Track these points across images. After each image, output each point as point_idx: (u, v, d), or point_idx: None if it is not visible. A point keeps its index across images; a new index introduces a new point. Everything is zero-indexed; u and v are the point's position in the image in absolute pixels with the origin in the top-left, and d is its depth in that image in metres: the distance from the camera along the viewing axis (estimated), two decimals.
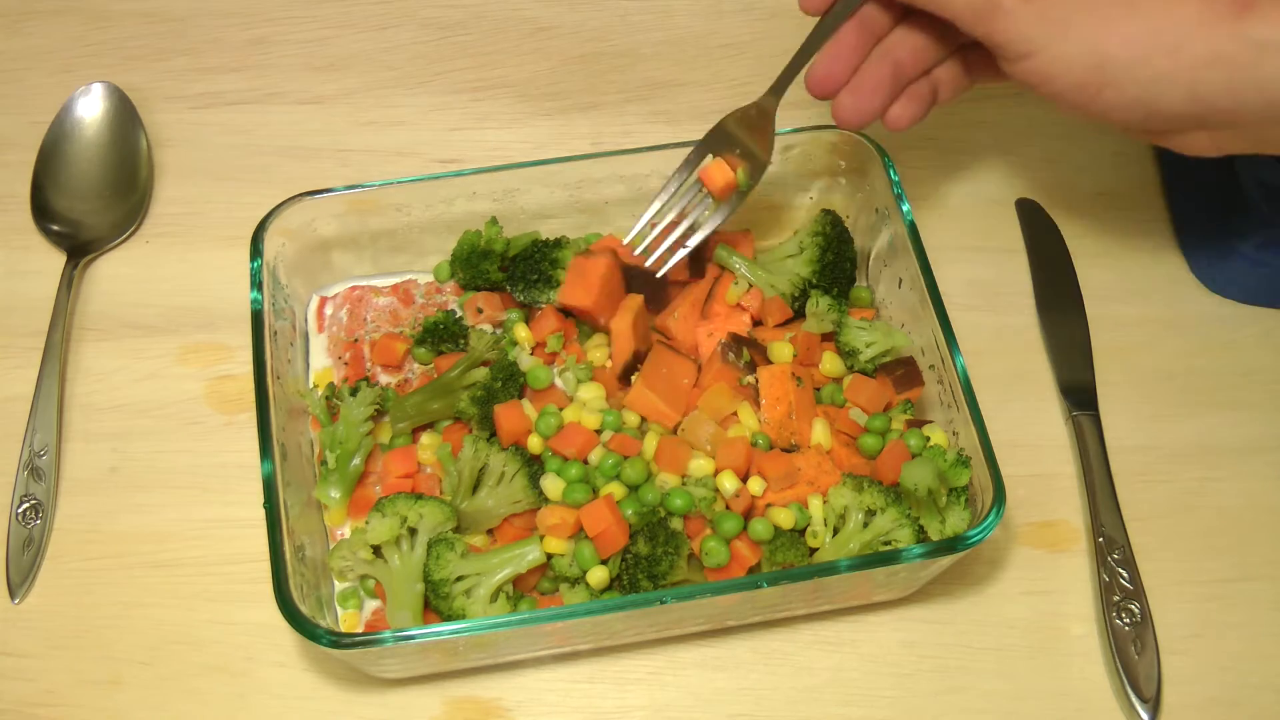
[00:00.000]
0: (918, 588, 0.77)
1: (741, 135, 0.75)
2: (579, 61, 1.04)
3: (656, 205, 0.76)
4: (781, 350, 0.79)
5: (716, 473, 0.74)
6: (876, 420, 0.77)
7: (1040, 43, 0.62)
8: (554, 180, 0.83)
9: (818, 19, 0.71)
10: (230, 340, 0.88)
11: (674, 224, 0.76)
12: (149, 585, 0.78)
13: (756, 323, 0.82)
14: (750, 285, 0.82)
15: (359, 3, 1.07)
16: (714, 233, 0.76)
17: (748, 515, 0.73)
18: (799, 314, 0.82)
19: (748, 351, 0.78)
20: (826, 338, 0.81)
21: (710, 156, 0.76)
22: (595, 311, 0.79)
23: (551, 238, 0.84)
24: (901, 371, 0.78)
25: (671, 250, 0.76)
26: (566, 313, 0.82)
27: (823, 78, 0.68)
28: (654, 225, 0.76)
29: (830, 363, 0.79)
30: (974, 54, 0.73)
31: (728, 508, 0.73)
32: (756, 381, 0.77)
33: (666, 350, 0.78)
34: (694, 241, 0.76)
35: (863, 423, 0.77)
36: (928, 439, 0.76)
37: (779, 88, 0.74)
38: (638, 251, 0.76)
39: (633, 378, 0.78)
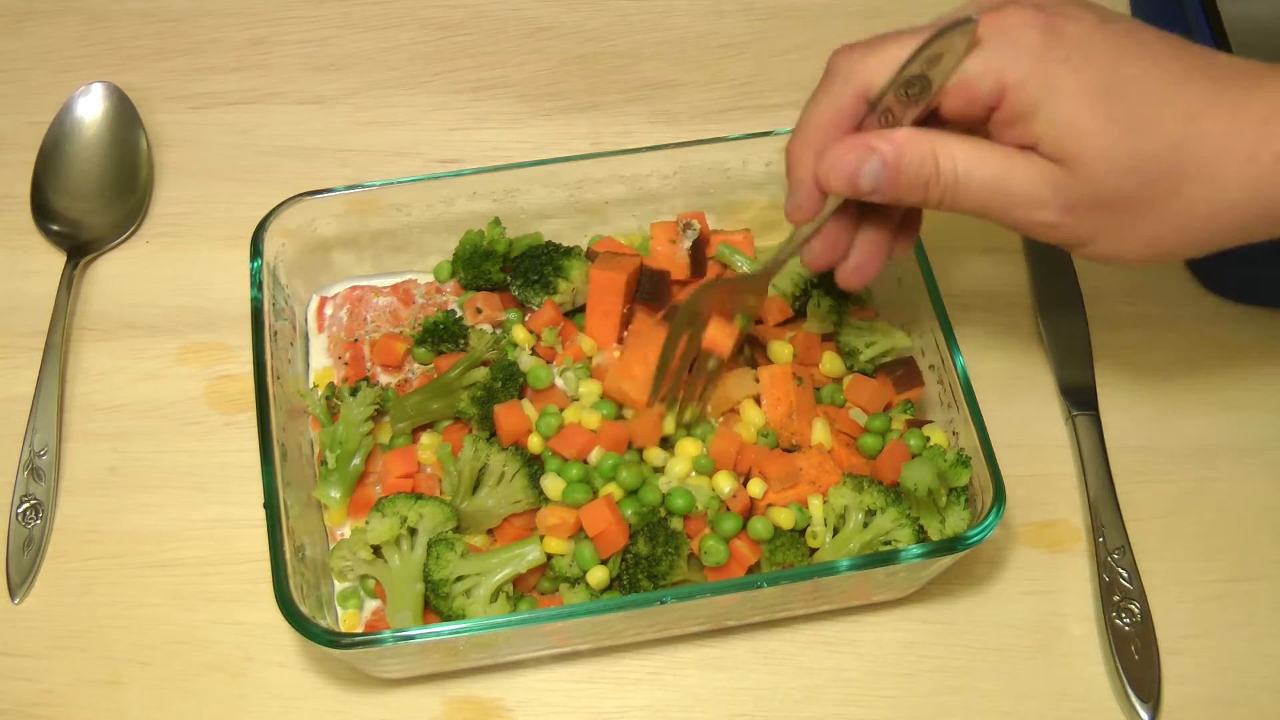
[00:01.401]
0: (918, 588, 0.77)
1: (725, 299, 0.73)
2: (579, 61, 1.04)
3: (662, 370, 0.74)
4: (782, 350, 0.79)
5: (714, 473, 0.74)
6: (876, 420, 0.77)
7: (1090, 240, 0.60)
8: (554, 180, 0.83)
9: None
10: (230, 340, 0.88)
11: (685, 380, 0.75)
12: (149, 585, 0.78)
13: (757, 322, 0.82)
14: None
15: (359, 3, 1.07)
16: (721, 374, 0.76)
17: (747, 515, 0.73)
18: (799, 314, 0.82)
19: (748, 349, 0.78)
20: (826, 338, 0.81)
21: (696, 323, 0.74)
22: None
23: (553, 238, 0.84)
24: (901, 371, 0.78)
25: (691, 399, 0.75)
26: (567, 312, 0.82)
27: (821, 261, 0.67)
28: (667, 384, 0.75)
29: (830, 363, 0.79)
30: None
31: (726, 508, 0.73)
32: (757, 381, 0.77)
33: (651, 327, 0.78)
34: (710, 393, 0.76)
35: (863, 423, 0.77)
36: (928, 439, 0.76)
37: (769, 274, 0.71)
38: (654, 405, 0.75)
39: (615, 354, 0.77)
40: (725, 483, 0.73)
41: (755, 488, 0.73)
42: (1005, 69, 0.57)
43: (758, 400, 0.76)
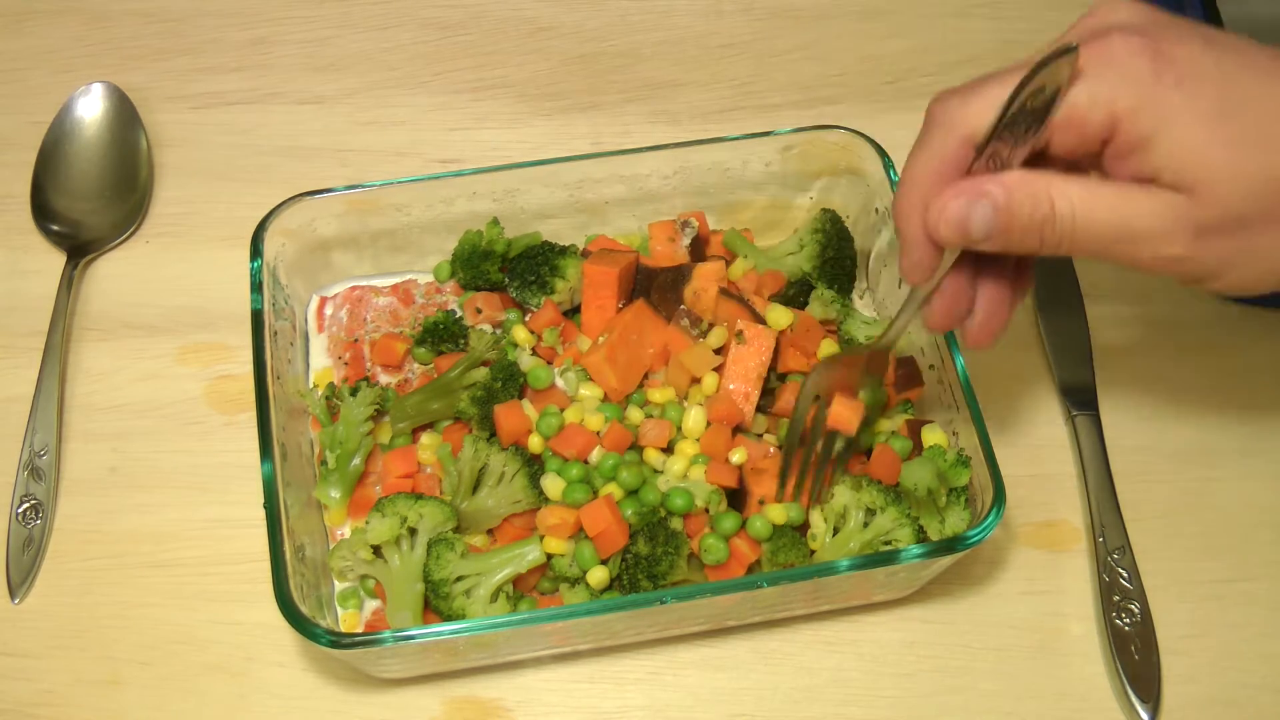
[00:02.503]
0: (918, 588, 0.77)
1: (846, 375, 0.72)
2: (579, 61, 1.04)
3: (789, 454, 0.73)
4: (779, 315, 0.78)
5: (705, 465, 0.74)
6: (866, 393, 0.76)
7: (1221, 271, 0.58)
8: (554, 180, 0.83)
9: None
10: (230, 340, 0.88)
11: (813, 464, 0.74)
12: (149, 585, 0.78)
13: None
14: (753, 265, 0.82)
15: (359, 3, 1.07)
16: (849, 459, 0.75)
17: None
18: (799, 306, 0.82)
19: (706, 322, 0.78)
20: (830, 331, 0.81)
21: (818, 399, 0.72)
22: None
23: (553, 238, 0.84)
24: (902, 371, 0.78)
25: (820, 482, 0.74)
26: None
27: (944, 321, 0.64)
28: (796, 470, 0.74)
29: (828, 348, 0.79)
30: None
31: (724, 505, 0.73)
32: (742, 335, 0.76)
33: (649, 314, 0.78)
34: (837, 472, 0.74)
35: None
36: (911, 444, 0.76)
37: (889, 344, 0.69)
38: (785, 496, 0.73)
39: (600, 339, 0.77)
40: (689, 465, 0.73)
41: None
42: (1116, 99, 0.55)
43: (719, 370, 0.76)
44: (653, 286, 0.80)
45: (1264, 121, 0.55)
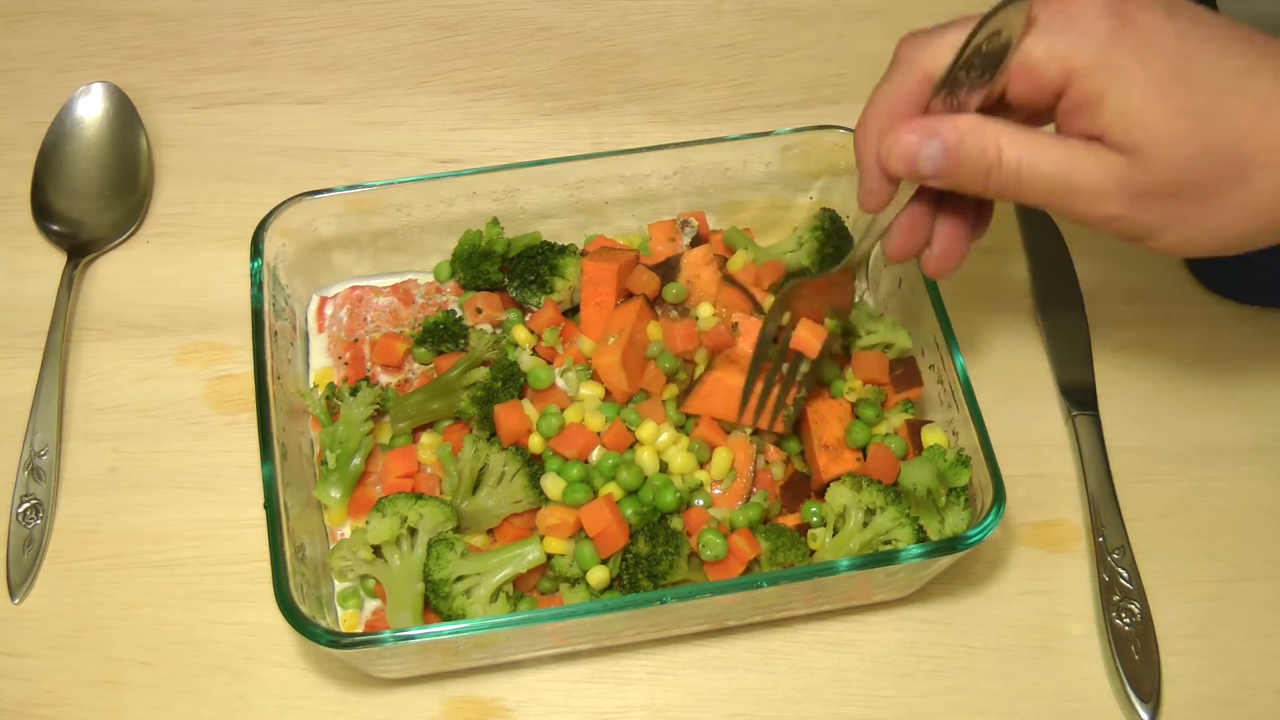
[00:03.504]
0: (918, 588, 0.77)
1: (812, 298, 0.73)
2: (579, 61, 1.04)
3: (752, 376, 0.74)
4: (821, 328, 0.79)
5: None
6: (868, 410, 0.76)
7: (1156, 233, 0.60)
8: (554, 180, 0.83)
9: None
10: (230, 340, 0.88)
11: (775, 383, 0.75)
12: (149, 585, 0.78)
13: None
14: (753, 258, 0.82)
15: (359, 3, 1.07)
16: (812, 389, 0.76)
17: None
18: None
19: (693, 312, 0.78)
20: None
21: (786, 317, 0.74)
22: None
23: (553, 238, 0.84)
24: (901, 371, 0.78)
25: (780, 406, 0.75)
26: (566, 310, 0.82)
27: (901, 251, 0.67)
28: (756, 393, 0.74)
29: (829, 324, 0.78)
30: None
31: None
32: (737, 327, 0.77)
33: (649, 314, 0.78)
34: (797, 398, 0.75)
35: (855, 399, 0.77)
36: (907, 445, 0.76)
37: (852, 267, 0.72)
38: (744, 418, 0.74)
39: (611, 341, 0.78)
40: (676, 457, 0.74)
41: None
42: (1072, 55, 0.57)
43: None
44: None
45: (1213, 95, 0.57)
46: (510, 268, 0.83)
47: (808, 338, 0.73)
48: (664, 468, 0.74)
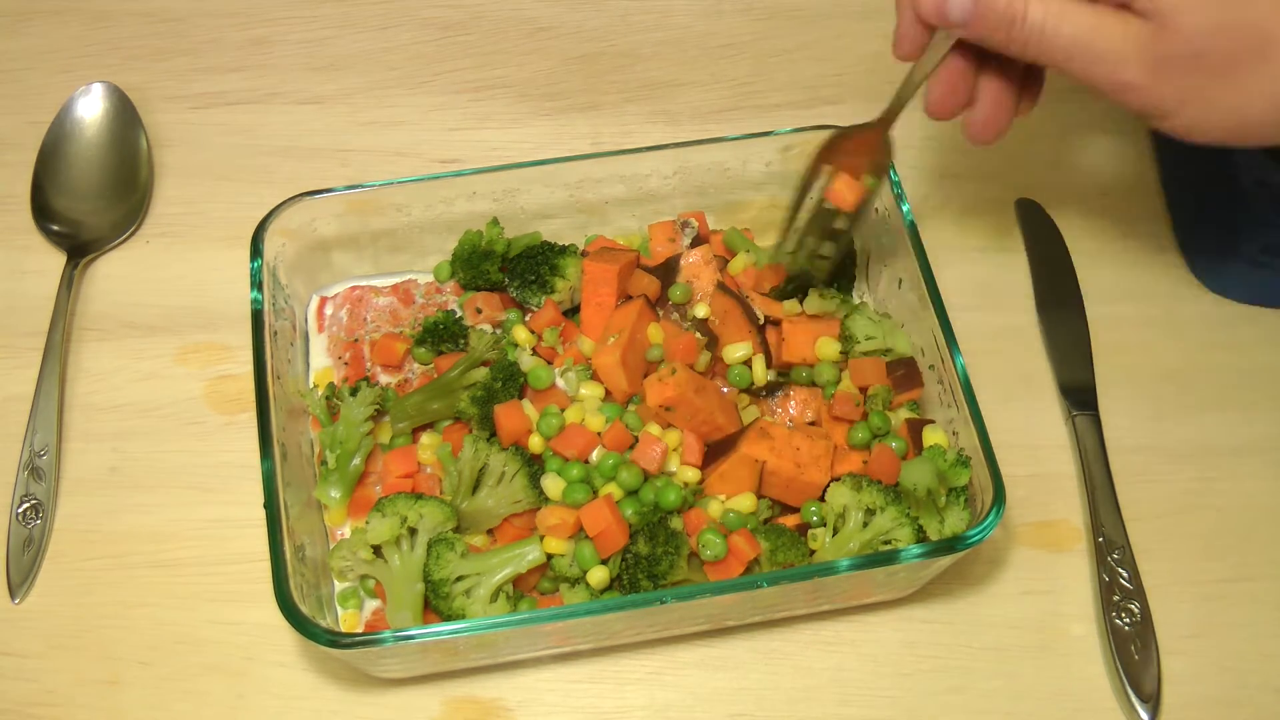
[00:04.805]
0: (918, 588, 0.77)
1: (852, 152, 0.75)
2: (579, 61, 1.04)
3: (789, 221, 0.76)
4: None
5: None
6: (876, 417, 0.76)
7: (1174, 108, 0.61)
8: (554, 180, 0.83)
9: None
10: (230, 340, 0.88)
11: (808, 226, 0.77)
12: (149, 585, 0.78)
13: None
14: (754, 260, 0.82)
15: (359, 3, 1.07)
16: (851, 244, 0.77)
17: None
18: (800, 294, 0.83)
19: (693, 315, 0.79)
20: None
21: (828, 170, 0.76)
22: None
23: (553, 238, 0.84)
24: (902, 372, 0.78)
25: (809, 247, 0.77)
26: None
27: (942, 107, 0.68)
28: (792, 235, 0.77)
29: (825, 347, 0.79)
30: None
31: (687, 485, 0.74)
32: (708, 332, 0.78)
33: (649, 314, 0.78)
34: (835, 253, 0.77)
35: (857, 402, 0.77)
36: (908, 446, 0.76)
37: (889, 119, 0.73)
38: (783, 262, 0.77)
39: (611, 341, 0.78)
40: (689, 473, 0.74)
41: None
42: None
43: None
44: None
45: None
46: (510, 268, 0.83)
47: (843, 191, 0.75)
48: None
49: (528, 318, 0.82)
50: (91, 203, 0.93)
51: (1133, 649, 0.75)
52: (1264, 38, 0.58)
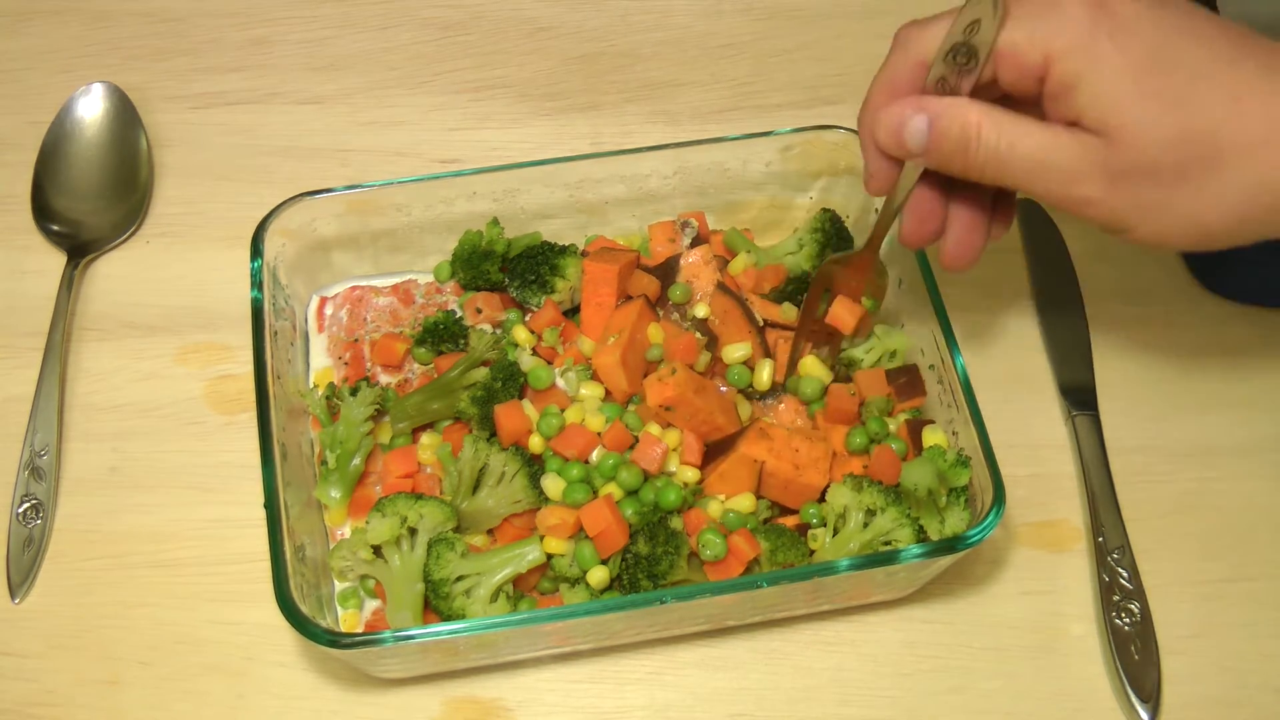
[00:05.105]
0: (918, 588, 0.77)
1: (849, 277, 0.78)
2: (579, 61, 1.04)
3: (797, 344, 0.80)
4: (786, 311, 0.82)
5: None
6: (873, 423, 0.76)
7: (1135, 221, 0.61)
8: (554, 180, 0.83)
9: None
10: (230, 340, 0.88)
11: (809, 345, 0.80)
12: (149, 585, 0.78)
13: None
14: (754, 261, 0.82)
15: (359, 3, 1.07)
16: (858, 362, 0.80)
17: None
18: (798, 304, 0.83)
19: (693, 315, 0.79)
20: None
21: (825, 295, 0.79)
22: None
23: (553, 238, 0.84)
24: (904, 380, 0.78)
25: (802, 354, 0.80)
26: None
27: (914, 236, 0.70)
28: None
29: (812, 367, 0.79)
30: None
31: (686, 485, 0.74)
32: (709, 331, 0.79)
33: (649, 314, 0.78)
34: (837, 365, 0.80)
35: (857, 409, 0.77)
36: (909, 447, 0.76)
37: (874, 244, 0.76)
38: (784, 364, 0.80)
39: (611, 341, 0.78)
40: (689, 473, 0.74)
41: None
42: (1051, 40, 0.59)
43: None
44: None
45: (1188, 81, 0.58)
46: (510, 268, 0.83)
47: (843, 315, 0.77)
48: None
49: (528, 318, 0.82)
50: (91, 203, 0.93)
51: (1133, 649, 0.75)
52: (1216, 147, 0.58)
